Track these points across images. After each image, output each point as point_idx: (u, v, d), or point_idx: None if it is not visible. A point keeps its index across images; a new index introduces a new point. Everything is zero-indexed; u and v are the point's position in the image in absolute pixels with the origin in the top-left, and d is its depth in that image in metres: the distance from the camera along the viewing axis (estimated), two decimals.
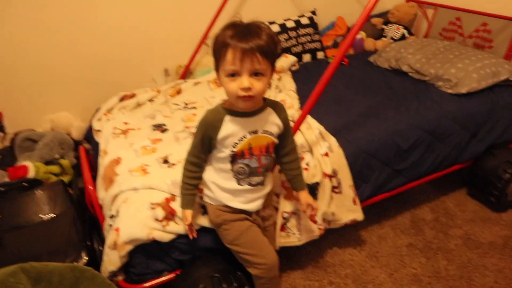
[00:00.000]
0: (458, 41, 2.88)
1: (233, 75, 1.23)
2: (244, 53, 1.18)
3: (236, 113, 1.34)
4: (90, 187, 1.81)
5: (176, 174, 1.65)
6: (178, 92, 2.40)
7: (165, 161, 1.75)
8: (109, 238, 1.54)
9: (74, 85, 2.64)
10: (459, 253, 2.06)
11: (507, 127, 2.34)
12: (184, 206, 1.48)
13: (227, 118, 1.34)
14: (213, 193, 1.46)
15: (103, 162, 1.86)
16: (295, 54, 2.92)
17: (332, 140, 1.87)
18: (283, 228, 1.74)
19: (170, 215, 1.53)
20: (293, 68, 2.77)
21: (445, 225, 2.24)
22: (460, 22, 2.88)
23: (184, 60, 2.80)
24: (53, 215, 1.88)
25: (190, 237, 1.51)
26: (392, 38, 3.17)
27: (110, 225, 1.59)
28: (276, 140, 1.43)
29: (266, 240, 1.52)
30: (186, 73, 2.72)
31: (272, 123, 1.40)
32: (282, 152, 1.53)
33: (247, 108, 1.31)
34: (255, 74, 1.22)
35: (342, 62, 2.83)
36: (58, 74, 2.57)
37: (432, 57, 2.55)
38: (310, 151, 1.81)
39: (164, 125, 2.06)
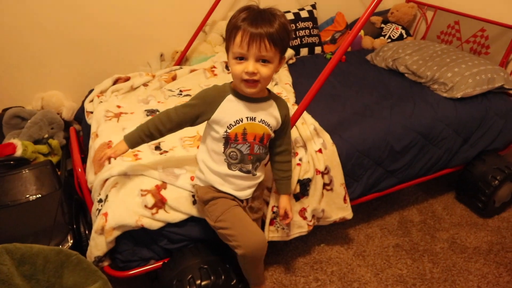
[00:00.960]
0: (455, 45, 2.88)
1: (241, 58, 1.25)
2: (252, 37, 1.20)
3: (239, 95, 1.35)
4: (79, 170, 1.78)
5: (168, 161, 1.63)
6: (173, 78, 2.36)
7: (157, 147, 1.73)
8: (97, 222, 1.51)
9: (67, 65, 2.59)
10: (445, 257, 2.08)
11: (498, 134, 2.35)
12: (127, 139, 1.43)
13: (229, 96, 1.36)
14: (204, 175, 1.45)
15: (94, 145, 1.83)
16: (292, 47, 2.89)
17: (327, 137, 1.86)
18: (272, 222, 1.73)
19: (160, 203, 1.51)
20: (290, 62, 2.75)
21: (432, 228, 2.26)
22: (459, 26, 2.88)
23: (180, 46, 2.76)
24: (39, 195, 1.85)
25: (102, 161, 1.46)
26: (390, 38, 3.16)
27: (98, 210, 1.56)
28: (272, 133, 1.43)
29: (252, 222, 1.48)
30: (182, 60, 2.68)
31: (271, 115, 1.40)
32: (276, 150, 1.52)
33: (251, 93, 1.32)
34: (262, 60, 1.25)
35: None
36: (52, 53, 2.51)
37: (429, 60, 2.55)
38: (304, 146, 1.80)
39: (157, 111, 2.02)
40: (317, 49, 3.04)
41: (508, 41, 2.57)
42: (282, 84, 2.31)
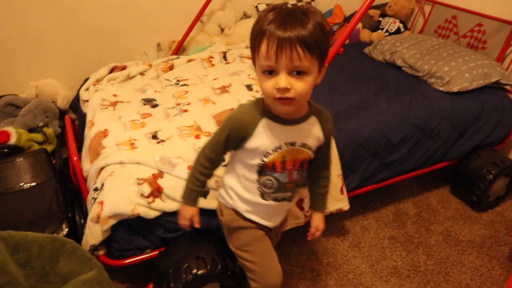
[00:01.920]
0: (453, 39, 2.88)
1: (270, 72, 1.00)
2: (281, 44, 0.95)
3: (275, 118, 1.12)
4: (75, 158, 1.76)
5: (165, 150, 1.62)
6: (171, 67, 2.35)
7: (154, 136, 1.71)
8: (92, 211, 1.50)
9: (63, 53, 2.56)
10: (439, 249, 2.09)
11: (494, 129, 2.36)
12: (185, 200, 1.30)
13: (264, 121, 1.12)
14: (232, 201, 1.30)
15: (90, 133, 1.81)
16: None
17: None
18: None
19: (156, 192, 1.50)
20: None
21: (427, 221, 2.27)
22: (456, 20, 2.88)
23: (177, 36, 2.73)
24: (34, 184, 1.83)
25: (189, 229, 1.36)
26: (387, 31, 3.16)
27: (94, 198, 1.55)
28: (313, 155, 1.23)
29: (275, 256, 1.38)
30: (179, 49, 2.66)
31: (313, 136, 1.19)
32: (312, 165, 1.30)
33: (288, 113, 1.10)
34: (296, 72, 0.98)
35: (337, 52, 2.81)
36: (47, 40, 2.48)
37: (426, 54, 2.55)
38: None
39: (154, 100, 2.01)
40: None
41: (505, 36, 2.57)
42: None
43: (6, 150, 2.00)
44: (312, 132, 1.18)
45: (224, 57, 2.46)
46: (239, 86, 2.12)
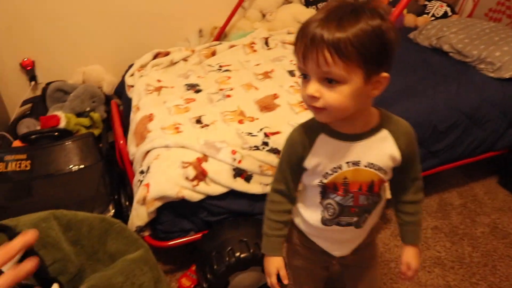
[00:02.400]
0: (505, 22, 2.75)
1: (305, 76, 0.87)
2: (308, 45, 0.82)
3: (334, 133, 0.96)
4: (121, 142, 1.81)
5: (209, 134, 1.64)
6: (213, 53, 2.36)
7: (198, 121, 1.73)
8: (139, 193, 1.54)
9: (107, 40, 2.62)
10: (485, 241, 2.03)
11: None
12: (266, 250, 1.13)
13: (322, 136, 0.98)
14: (298, 220, 1.17)
15: (135, 117, 1.85)
16: None
17: None
18: None
19: (201, 175, 1.52)
20: None
21: (473, 212, 2.20)
22: (510, 2, 2.74)
23: (219, 22, 2.74)
24: (82, 166, 1.90)
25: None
26: (434, 16, 3.05)
27: (140, 181, 1.59)
28: (386, 177, 1.02)
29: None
30: (220, 35, 2.67)
31: (384, 154, 0.98)
32: (399, 189, 1.11)
33: (340, 125, 0.95)
34: (328, 80, 0.83)
35: None
36: (92, 27, 2.55)
37: (476, 38, 2.44)
38: None
39: (197, 85, 2.03)
40: None
41: None
42: None
43: (56, 133, 2.08)
44: (382, 149, 0.98)
45: (266, 43, 2.45)
46: (281, 72, 2.11)
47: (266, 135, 1.63)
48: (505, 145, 2.22)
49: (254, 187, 1.55)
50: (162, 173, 1.53)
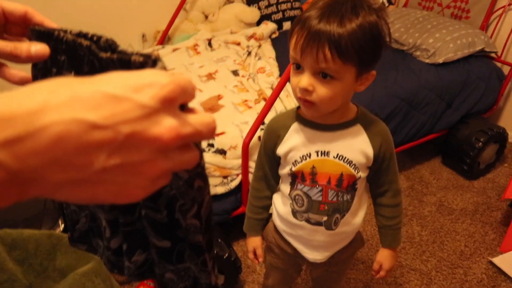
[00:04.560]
0: (437, 11, 2.88)
1: (298, 66, 0.88)
2: (308, 39, 0.82)
3: (306, 122, 0.99)
4: None
5: None
6: None
7: None
8: None
9: None
10: (432, 219, 2.13)
11: (481, 97, 2.38)
12: (247, 230, 1.20)
13: (294, 125, 1.01)
14: (274, 217, 1.20)
15: None
16: (275, 21, 2.87)
17: None
18: None
19: None
20: (273, 36, 2.73)
21: (420, 193, 2.30)
22: None
23: (162, 25, 2.72)
24: None
25: (257, 263, 1.25)
26: None
27: None
28: (357, 174, 1.00)
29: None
30: (164, 39, 2.65)
31: (356, 148, 0.98)
32: (376, 191, 1.12)
33: (314, 117, 0.96)
34: (323, 74, 0.85)
35: None
36: None
37: (410, 27, 2.55)
38: None
39: None
40: None
41: (488, 4, 2.57)
42: (266, 58, 2.30)
43: None
44: (354, 143, 0.98)
45: (209, 44, 2.46)
46: (225, 72, 2.13)
47: None
48: (444, 126, 2.34)
49: None
50: None
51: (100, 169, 0.29)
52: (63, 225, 1.67)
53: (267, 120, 1.69)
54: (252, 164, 1.69)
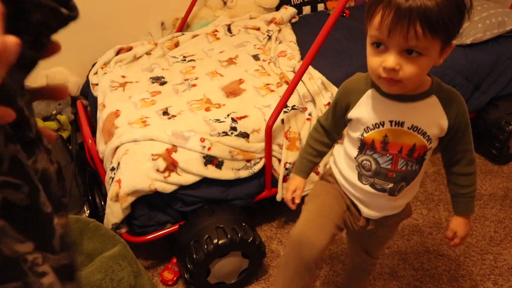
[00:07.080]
0: None
1: (379, 45, 0.87)
2: (397, 17, 0.80)
3: (382, 90, 0.97)
4: (90, 141, 1.78)
5: (176, 125, 1.62)
6: (176, 45, 2.33)
7: (165, 113, 1.72)
8: (111, 190, 1.53)
9: (69, 40, 2.53)
10: None
11: (511, 79, 2.30)
12: (295, 169, 1.21)
13: (370, 92, 1.00)
14: (336, 174, 1.18)
15: (102, 115, 1.82)
16: (294, 6, 2.82)
17: (335, 90, 1.83)
18: (285, 179, 1.73)
19: (171, 166, 1.51)
20: (293, 20, 2.69)
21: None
22: None
23: (180, 13, 2.70)
24: None
25: (292, 207, 1.22)
26: None
27: (112, 178, 1.57)
28: (429, 145, 1.00)
29: (326, 224, 1.13)
30: (183, 26, 2.64)
31: (431, 120, 0.98)
32: (449, 161, 1.11)
33: (394, 92, 0.94)
34: (408, 51, 0.84)
35: (343, 14, 2.75)
36: None
37: None
38: (313, 101, 1.78)
39: (162, 77, 2.01)
40: (320, 6, 2.96)
41: None
42: (287, 42, 2.26)
43: None
44: (429, 115, 0.98)
45: (229, 30, 2.43)
46: (245, 57, 2.10)
47: (233, 120, 1.63)
48: (472, 109, 2.27)
49: (226, 173, 1.55)
50: (133, 167, 1.52)
51: None
52: (88, 211, 1.68)
53: (290, 103, 1.67)
54: (275, 148, 1.67)
